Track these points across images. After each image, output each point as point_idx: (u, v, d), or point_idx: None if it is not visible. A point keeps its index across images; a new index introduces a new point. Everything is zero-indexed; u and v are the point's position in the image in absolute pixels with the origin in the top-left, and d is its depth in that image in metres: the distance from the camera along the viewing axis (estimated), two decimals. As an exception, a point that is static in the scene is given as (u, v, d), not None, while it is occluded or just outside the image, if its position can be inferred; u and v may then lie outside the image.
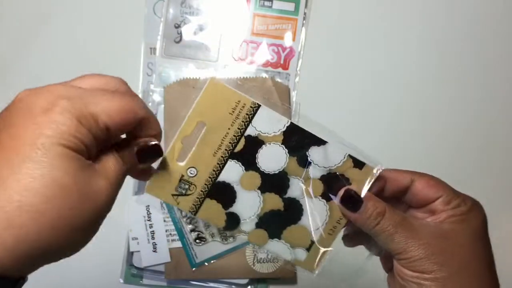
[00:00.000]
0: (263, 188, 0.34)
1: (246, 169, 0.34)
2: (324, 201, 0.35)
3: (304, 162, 0.34)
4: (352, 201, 0.34)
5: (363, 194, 0.34)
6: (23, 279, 0.25)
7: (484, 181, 0.63)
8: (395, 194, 0.35)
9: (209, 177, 0.34)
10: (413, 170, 0.36)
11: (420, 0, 0.63)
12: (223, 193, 0.35)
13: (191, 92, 0.60)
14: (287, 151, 0.34)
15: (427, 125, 0.63)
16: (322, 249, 0.36)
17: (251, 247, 0.59)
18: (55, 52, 0.62)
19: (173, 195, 0.34)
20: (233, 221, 0.35)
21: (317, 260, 0.36)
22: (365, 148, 0.62)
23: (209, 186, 0.34)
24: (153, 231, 0.60)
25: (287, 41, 0.62)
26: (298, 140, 0.34)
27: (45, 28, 0.62)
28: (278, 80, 0.62)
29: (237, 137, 0.33)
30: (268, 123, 0.33)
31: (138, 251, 0.59)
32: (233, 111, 0.32)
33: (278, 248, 0.36)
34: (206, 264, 0.59)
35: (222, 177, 0.34)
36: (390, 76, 0.63)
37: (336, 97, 0.63)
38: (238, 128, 0.33)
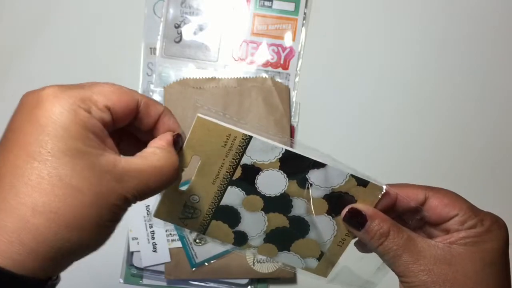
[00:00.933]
0: (267, 209, 0.35)
1: (247, 194, 0.34)
2: (330, 217, 0.34)
3: (305, 184, 0.34)
4: (356, 219, 0.32)
5: (368, 212, 0.32)
6: (51, 279, 0.25)
7: (489, 188, 0.63)
8: (408, 211, 0.33)
9: (212, 202, 0.34)
10: (423, 179, 0.34)
11: (420, 0, 0.63)
12: (227, 216, 0.35)
13: (191, 92, 0.60)
14: (285, 175, 0.33)
15: (428, 122, 0.63)
16: (332, 259, 0.36)
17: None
18: (56, 52, 0.62)
19: (180, 218, 0.35)
20: (241, 238, 0.36)
21: (328, 267, 0.36)
22: (366, 146, 0.62)
23: (213, 210, 0.35)
24: (153, 231, 0.60)
25: (287, 41, 0.62)
26: (295, 165, 0.33)
27: (45, 28, 0.62)
28: (278, 80, 0.62)
29: (233, 167, 0.33)
30: (263, 153, 0.33)
31: (138, 251, 0.59)
32: (225, 144, 0.32)
33: (289, 259, 0.36)
34: (206, 264, 0.59)
35: (225, 202, 0.34)
36: (390, 76, 0.63)
37: (336, 97, 0.63)
38: (233, 159, 0.33)
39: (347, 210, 0.33)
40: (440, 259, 0.31)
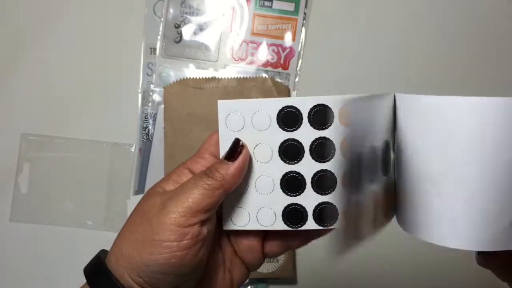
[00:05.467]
0: None
1: None
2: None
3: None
4: None
5: None
6: None
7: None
8: None
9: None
10: None
11: (421, 0, 0.63)
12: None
13: (191, 92, 0.60)
14: None
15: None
16: None
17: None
18: (56, 52, 0.62)
19: None
20: None
21: None
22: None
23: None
24: (153, 231, 0.59)
25: (287, 41, 0.62)
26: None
27: (45, 28, 0.62)
28: (278, 80, 0.62)
29: None
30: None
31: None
32: None
33: None
34: (206, 264, 0.59)
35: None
36: (390, 76, 0.63)
37: (336, 97, 0.63)
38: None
39: None
40: None
